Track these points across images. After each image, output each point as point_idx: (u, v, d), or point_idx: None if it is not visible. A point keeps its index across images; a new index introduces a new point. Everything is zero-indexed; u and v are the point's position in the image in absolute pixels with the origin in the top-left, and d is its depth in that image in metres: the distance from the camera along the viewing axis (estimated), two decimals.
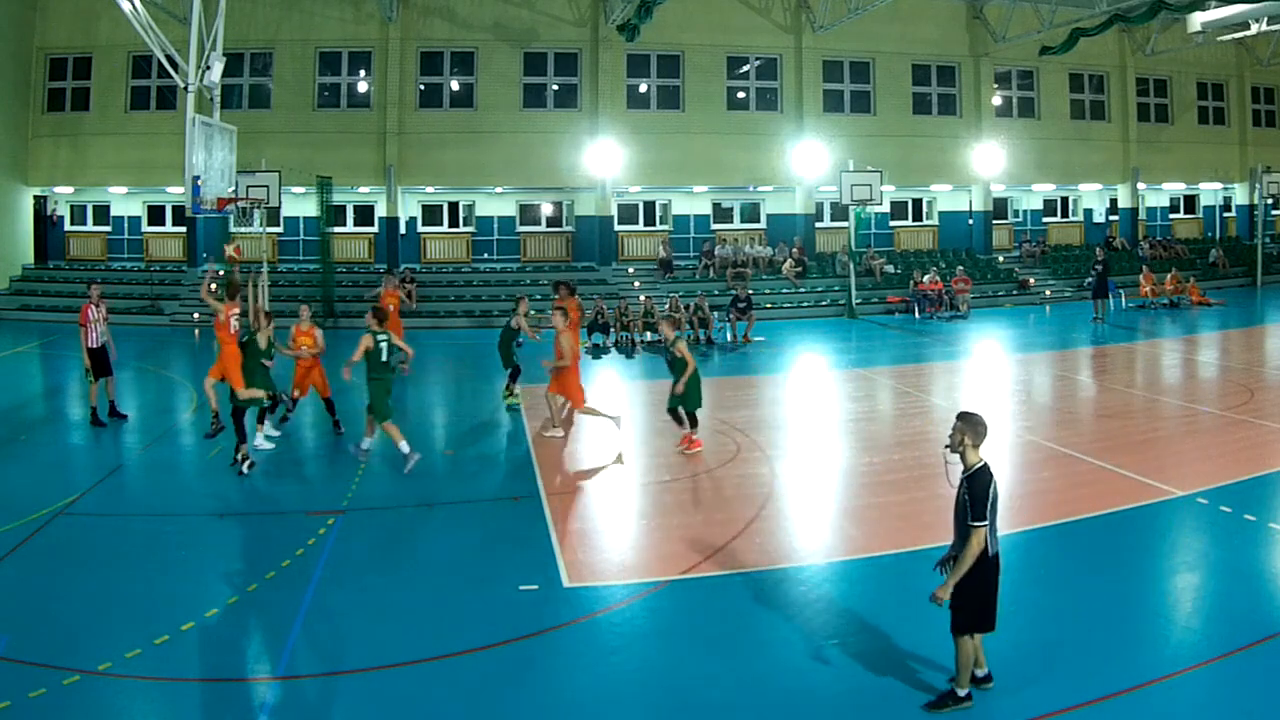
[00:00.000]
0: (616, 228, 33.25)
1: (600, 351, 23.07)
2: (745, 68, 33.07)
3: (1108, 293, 27.58)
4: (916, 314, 29.32)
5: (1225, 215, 41.20)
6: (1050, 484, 11.28)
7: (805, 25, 32.60)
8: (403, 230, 31.91)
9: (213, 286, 13.86)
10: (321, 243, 29.15)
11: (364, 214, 32.98)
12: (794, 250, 32.07)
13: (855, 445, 13.76)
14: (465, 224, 33.73)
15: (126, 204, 32.42)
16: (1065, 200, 39.27)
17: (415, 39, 30.93)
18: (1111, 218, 38.45)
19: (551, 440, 13.85)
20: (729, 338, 24.79)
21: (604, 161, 30.77)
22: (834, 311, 29.75)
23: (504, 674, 6.86)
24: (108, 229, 32.63)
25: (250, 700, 6.52)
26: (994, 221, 35.97)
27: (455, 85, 31.62)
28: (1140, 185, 37.13)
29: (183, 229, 31.51)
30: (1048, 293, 32.44)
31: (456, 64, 31.46)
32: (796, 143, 32.09)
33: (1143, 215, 38.41)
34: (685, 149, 31.95)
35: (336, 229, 30.61)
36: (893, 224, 36.02)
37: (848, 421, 15.31)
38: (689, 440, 13.11)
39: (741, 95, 33.12)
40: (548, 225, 34.21)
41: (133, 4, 18.10)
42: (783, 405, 17.32)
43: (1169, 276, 30.63)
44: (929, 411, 15.83)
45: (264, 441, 13.25)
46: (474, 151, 31.01)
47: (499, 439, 14.48)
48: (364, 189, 31.59)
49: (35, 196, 31.32)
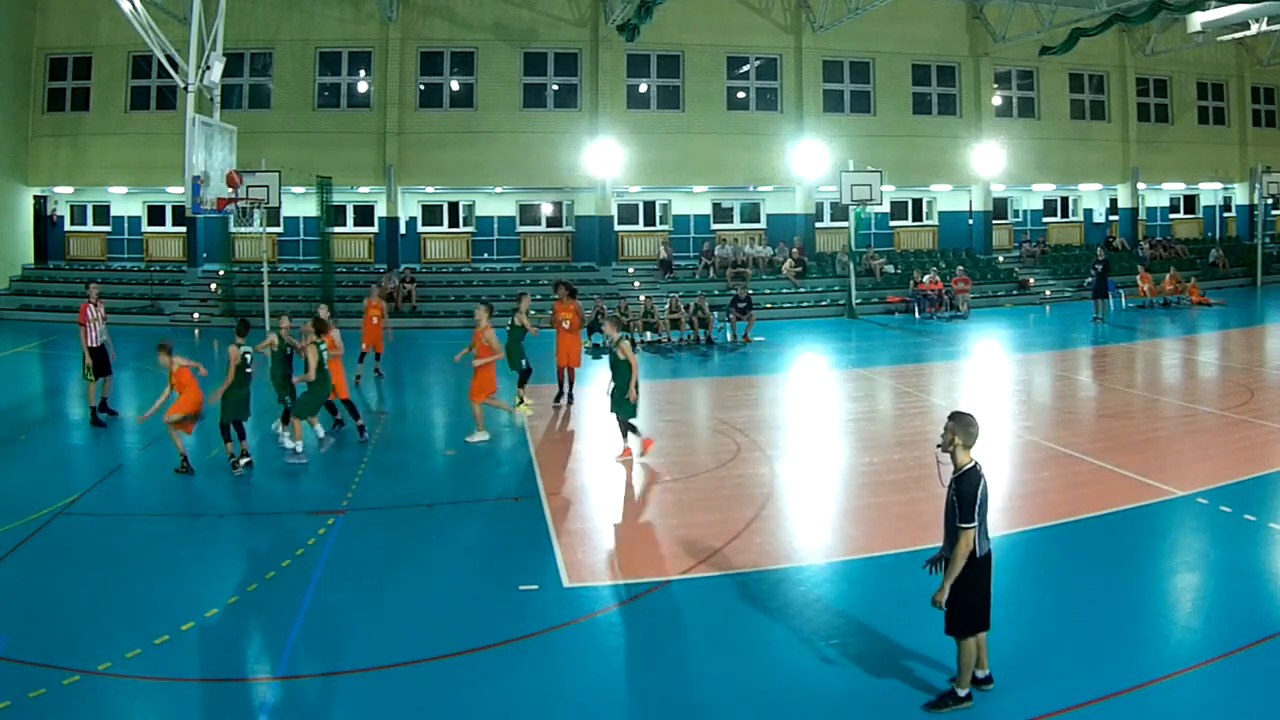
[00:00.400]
0: (616, 228, 33.26)
1: (600, 351, 23.04)
2: (745, 68, 33.07)
3: (1108, 293, 27.58)
4: (916, 314, 29.32)
5: (1225, 215, 41.19)
6: (1050, 484, 11.28)
7: (805, 25, 32.60)
8: (403, 230, 31.91)
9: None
10: (321, 243, 29.18)
11: (364, 214, 32.98)
12: (794, 250, 32.08)
13: (855, 445, 13.77)
14: (465, 224, 33.73)
15: (126, 204, 32.42)
16: (1065, 200, 39.26)
17: (415, 39, 30.93)
18: (1111, 218, 38.44)
19: (551, 440, 13.81)
20: (729, 338, 24.79)
21: (604, 161, 30.77)
22: (834, 311, 29.75)
23: (504, 674, 6.85)
24: (108, 229, 32.63)
25: (250, 700, 6.52)
26: (994, 221, 35.97)
27: (455, 85, 31.62)
28: (1140, 185, 37.13)
29: (183, 229, 31.51)
30: (1048, 293, 32.44)
31: (456, 64, 31.47)
32: (796, 143, 32.09)
33: (1143, 215, 38.41)
34: (685, 149, 31.96)
35: (336, 229, 30.63)
36: (893, 224, 36.01)
37: (848, 421, 15.31)
38: (629, 451, 12.53)
39: (741, 95, 33.12)
40: (548, 225, 34.21)
41: (133, 4, 18.11)
42: (783, 405, 17.32)
43: (1167, 276, 30.64)
44: (929, 411, 15.82)
45: (291, 442, 13.12)
46: (474, 151, 31.01)
47: (499, 439, 14.46)
48: (364, 189, 31.59)
49: (35, 196, 31.33)
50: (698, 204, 34.41)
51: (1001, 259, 35.25)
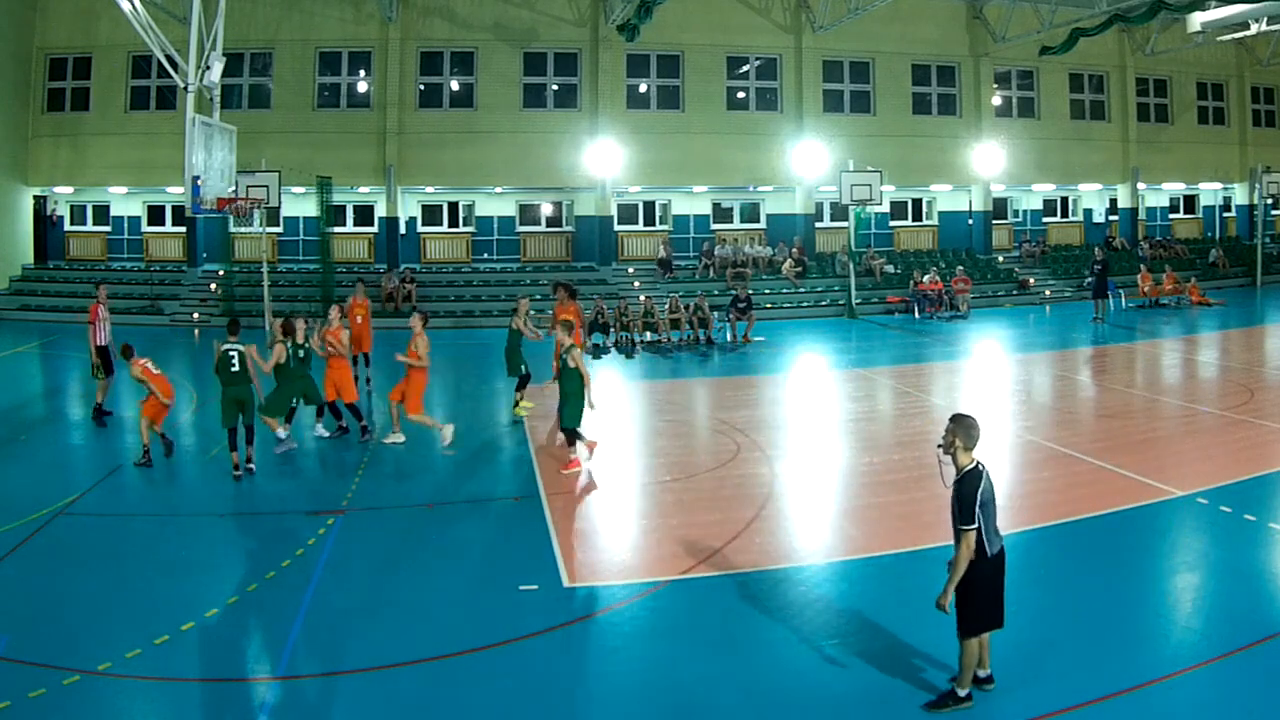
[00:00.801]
0: (616, 228, 33.25)
1: (600, 351, 23.07)
2: (745, 68, 33.07)
3: (1107, 292, 27.60)
4: (916, 314, 29.32)
5: (1225, 215, 41.18)
6: (1050, 484, 11.28)
7: (805, 25, 32.59)
8: (402, 230, 31.90)
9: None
10: (321, 243, 29.17)
11: (364, 214, 32.97)
12: (794, 250, 32.08)
13: (855, 445, 13.76)
14: (465, 224, 33.72)
15: (126, 204, 32.41)
16: (1065, 200, 39.26)
17: (415, 39, 30.93)
18: (1111, 218, 38.43)
19: (551, 440, 13.78)
20: (729, 338, 24.78)
21: (604, 161, 30.77)
22: (834, 311, 29.75)
23: (504, 674, 6.85)
24: (107, 229, 32.61)
25: (250, 700, 6.52)
26: (994, 221, 35.96)
27: (455, 85, 31.61)
28: (1140, 185, 37.13)
29: (182, 229, 31.52)
30: (1047, 293, 32.44)
31: (456, 64, 31.46)
32: (796, 143, 32.08)
33: (1142, 215, 38.41)
34: (685, 149, 31.95)
35: (336, 229, 30.62)
36: (893, 224, 36.00)
37: (847, 421, 15.30)
38: (576, 463, 12.23)
39: (741, 95, 33.11)
40: (547, 225, 34.20)
41: (132, 4, 18.09)
42: (782, 405, 17.32)
43: (1165, 276, 30.65)
44: (929, 411, 15.82)
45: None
46: (474, 151, 31.01)
47: (499, 439, 14.47)
48: (364, 189, 31.59)
49: (35, 196, 31.32)
50: (697, 204, 34.40)
51: (1001, 259, 35.25)
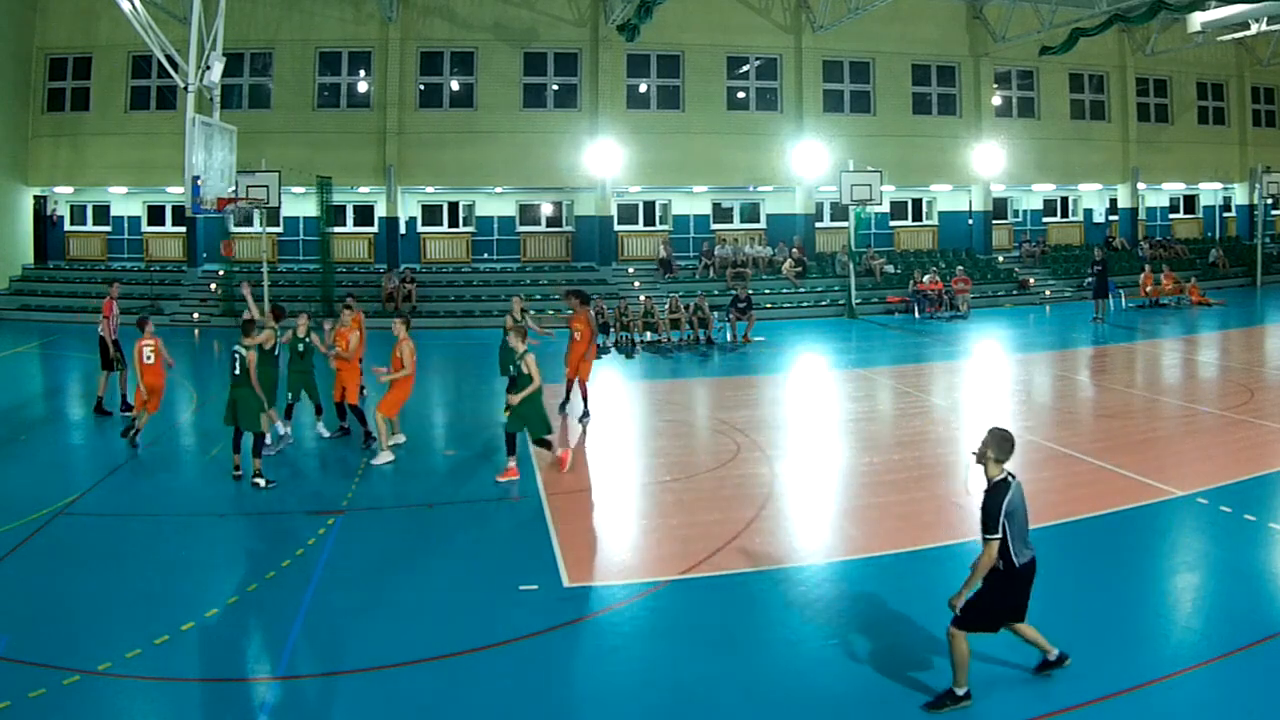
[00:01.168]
0: (616, 228, 33.26)
1: (600, 351, 23.05)
2: (745, 68, 33.07)
3: (1107, 292, 27.62)
4: (916, 314, 29.32)
5: (1225, 215, 41.17)
6: (1050, 484, 11.27)
7: (805, 25, 32.60)
8: (402, 230, 31.90)
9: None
10: (321, 243, 29.20)
11: (364, 214, 32.98)
12: (794, 250, 32.08)
13: (855, 445, 13.76)
14: (465, 224, 33.72)
15: (126, 204, 32.42)
16: (1065, 200, 39.26)
17: (415, 39, 30.93)
18: (1111, 218, 38.43)
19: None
20: (729, 338, 24.78)
21: (604, 161, 30.77)
22: (834, 311, 29.75)
23: (504, 674, 6.85)
24: (107, 229, 32.62)
25: (250, 700, 6.52)
26: (994, 221, 35.96)
27: (455, 85, 31.62)
28: (1140, 185, 37.13)
29: (182, 229, 31.55)
30: (1047, 293, 32.44)
31: (456, 64, 31.46)
32: (796, 143, 32.09)
33: (1143, 215, 38.41)
34: (685, 149, 31.96)
35: (336, 229, 30.64)
36: (893, 224, 36.01)
37: (847, 421, 15.30)
38: (564, 456, 12.12)
39: (741, 95, 33.12)
40: (547, 225, 34.21)
41: (132, 4, 18.08)
42: (783, 405, 17.31)
43: (1164, 276, 30.67)
44: (929, 411, 15.83)
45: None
46: (474, 151, 31.01)
47: (499, 439, 14.44)
48: (364, 189, 31.60)
49: (35, 196, 31.33)
50: (698, 204, 34.40)
51: (1001, 259, 35.25)
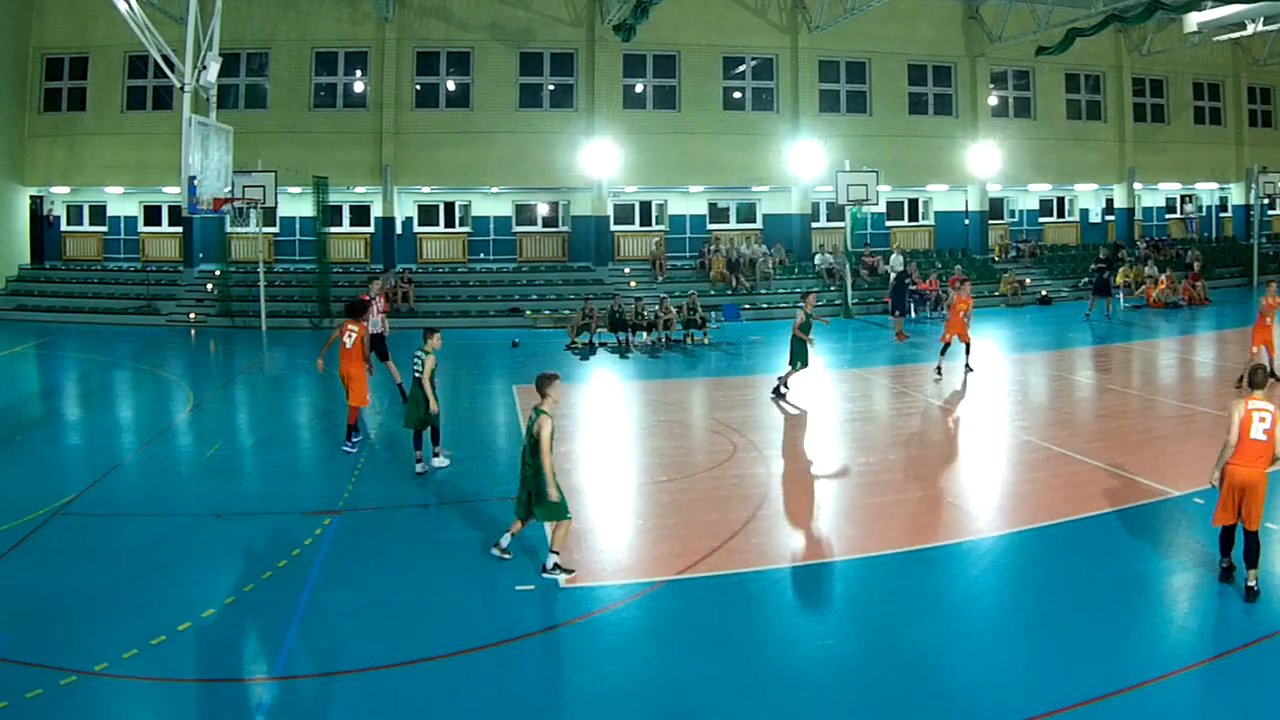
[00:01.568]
0: (613, 228, 33.27)
1: (588, 352, 23.10)
2: (741, 68, 33.08)
3: (1109, 292, 27.69)
4: (913, 314, 29.32)
5: (1222, 215, 41.23)
6: (1048, 484, 11.30)
7: (801, 25, 32.61)
8: (399, 230, 31.86)
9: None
10: (318, 243, 29.18)
11: (360, 214, 32.93)
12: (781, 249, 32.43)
13: (851, 445, 13.77)
14: (461, 224, 33.67)
15: (123, 204, 32.33)
16: (1061, 200, 39.30)
17: (411, 39, 30.89)
18: (1108, 218, 38.48)
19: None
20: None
21: (600, 161, 30.76)
22: (830, 311, 29.72)
23: (501, 674, 6.86)
24: (104, 229, 32.50)
25: (247, 700, 6.52)
26: (990, 221, 36.00)
27: (451, 85, 31.59)
28: (1136, 185, 37.17)
29: (179, 229, 31.50)
30: (1044, 292, 32.46)
31: (452, 64, 31.44)
32: (792, 143, 32.10)
33: (1139, 215, 38.46)
34: (681, 149, 31.95)
35: (332, 229, 30.62)
36: (889, 224, 36.01)
37: (844, 422, 15.31)
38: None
39: (737, 95, 33.13)
40: (544, 225, 34.17)
41: (129, 4, 18.07)
42: (779, 405, 17.31)
43: (1164, 276, 30.74)
44: (925, 412, 15.85)
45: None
46: (470, 151, 30.98)
47: (496, 439, 14.47)
48: (360, 189, 31.57)
49: (31, 197, 31.24)
50: (694, 204, 34.40)
51: (996, 258, 35.27)
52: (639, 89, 32.47)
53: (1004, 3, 32.54)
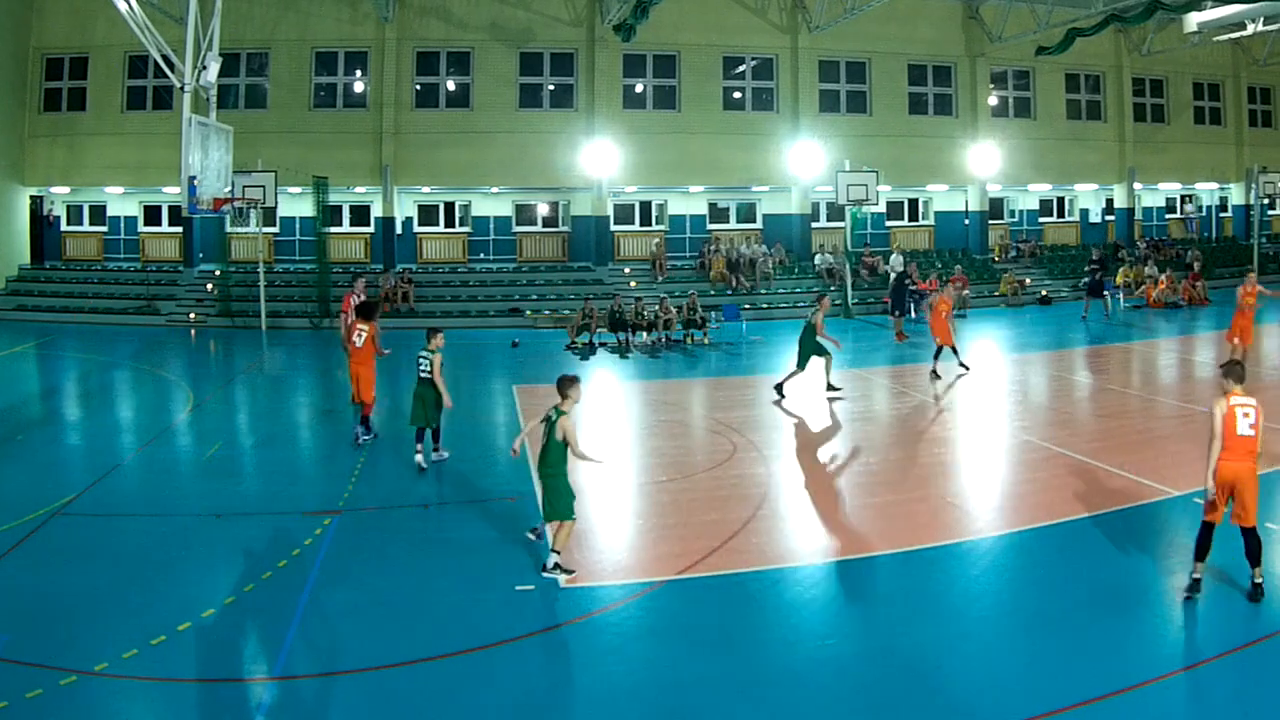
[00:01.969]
0: (613, 228, 33.27)
1: (588, 351, 23.10)
2: (741, 68, 33.09)
3: (1103, 292, 27.69)
4: (914, 313, 29.29)
5: (1221, 215, 41.22)
6: (1047, 484, 11.30)
7: (801, 25, 32.61)
8: (399, 230, 31.87)
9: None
10: (318, 243, 29.18)
11: (360, 214, 32.94)
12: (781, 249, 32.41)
13: (851, 445, 13.77)
14: (461, 224, 33.68)
15: (123, 204, 32.34)
16: (1061, 200, 39.30)
17: (411, 39, 30.90)
18: (1108, 218, 38.48)
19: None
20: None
21: (600, 161, 30.76)
22: (830, 311, 29.62)
23: (501, 675, 6.86)
24: (104, 229, 32.50)
25: (247, 700, 6.52)
26: (990, 221, 36.00)
27: (451, 85, 31.59)
28: (1136, 185, 37.17)
29: (179, 229, 31.51)
30: (1044, 292, 32.46)
31: (452, 64, 31.44)
32: (792, 143, 32.10)
33: (1139, 215, 38.45)
34: (681, 149, 31.95)
35: (332, 229, 30.63)
36: (889, 224, 36.01)
37: (844, 421, 15.30)
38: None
39: (737, 95, 33.14)
40: (544, 225, 34.18)
41: (129, 4, 18.07)
42: (779, 405, 17.31)
43: (1164, 276, 30.76)
44: (925, 411, 15.85)
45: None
46: (470, 151, 30.98)
47: (495, 439, 14.47)
48: (360, 189, 31.58)
49: (31, 197, 31.25)
50: (694, 204, 34.40)
51: (996, 258, 35.27)
52: (639, 89, 32.47)
53: (1004, 3, 32.54)
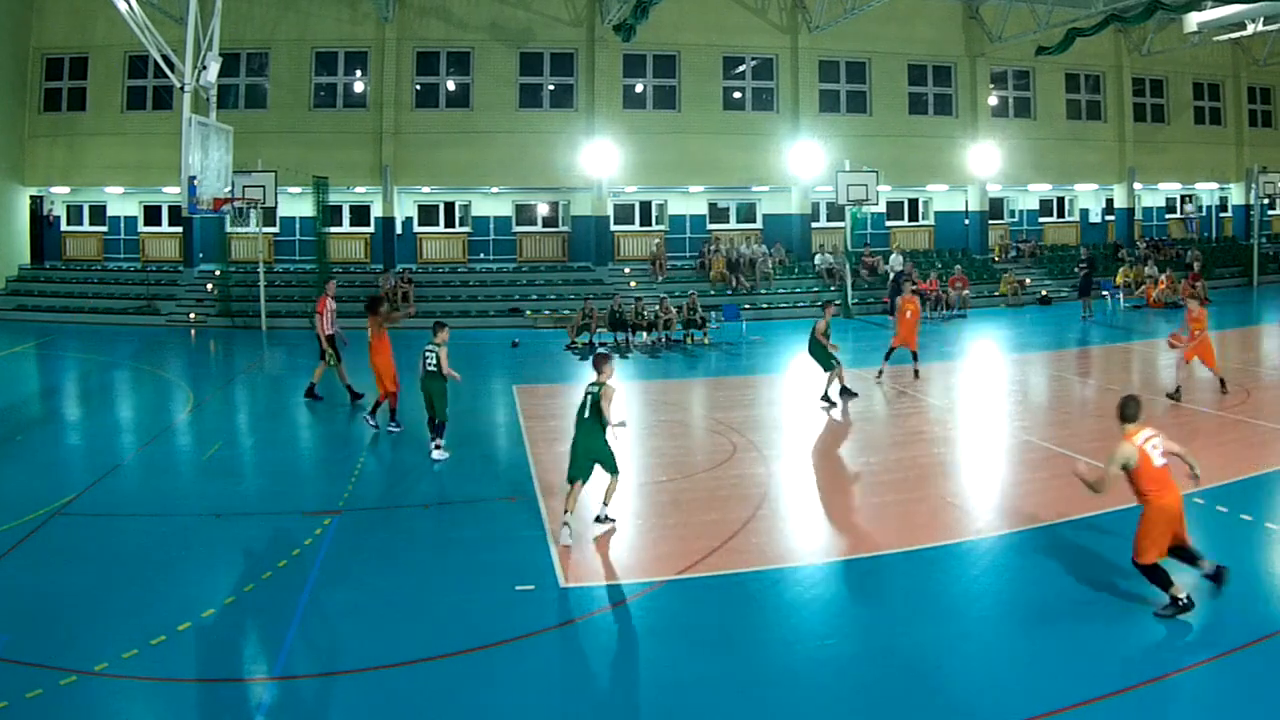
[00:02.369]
0: (613, 228, 33.28)
1: (588, 351, 23.08)
2: (741, 68, 33.09)
3: (1091, 292, 27.71)
4: None
5: (1221, 215, 41.22)
6: (1047, 484, 11.30)
7: (801, 25, 32.62)
8: (399, 230, 31.87)
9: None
10: (318, 243, 29.21)
11: (360, 214, 32.94)
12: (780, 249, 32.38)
13: (851, 445, 13.78)
14: (461, 224, 33.68)
15: (123, 204, 32.34)
16: (1061, 200, 39.30)
17: (411, 39, 30.90)
18: (1108, 218, 38.48)
19: (547, 440, 13.71)
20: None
21: (600, 161, 30.76)
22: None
23: (501, 675, 6.85)
24: (104, 229, 32.50)
25: (247, 701, 6.51)
26: (990, 221, 36.00)
27: (451, 85, 31.59)
28: (1136, 185, 37.17)
29: (179, 229, 31.51)
30: (1044, 292, 32.47)
31: (452, 64, 31.44)
32: (793, 143, 32.11)
33: (1139, 215, 38.45)
34: (681, 149, 31.96)
35: (332, 229, 30.63)
36: (889, 224, 36.01)
37: (844, 422, 15.31)
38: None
39: (737, 95, 33.14)
40: (544, 225, 34.18)
41: (129, 4, 18.08)
42: (779, 405, 17.32)
43: (1163, 276, 30.77)
44: (925, 411, 15.85)
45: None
46: (470, 151, 30.99)
47: (496, 439, 14.47)
48: (360, 189, 31.58)
49: (31, 197, 31.25)
50: (694, 204, 34.40)
51: (996, 258, 35.27)
52: (639, 89, 32.47)
53: (1004, 3, 32.54)
